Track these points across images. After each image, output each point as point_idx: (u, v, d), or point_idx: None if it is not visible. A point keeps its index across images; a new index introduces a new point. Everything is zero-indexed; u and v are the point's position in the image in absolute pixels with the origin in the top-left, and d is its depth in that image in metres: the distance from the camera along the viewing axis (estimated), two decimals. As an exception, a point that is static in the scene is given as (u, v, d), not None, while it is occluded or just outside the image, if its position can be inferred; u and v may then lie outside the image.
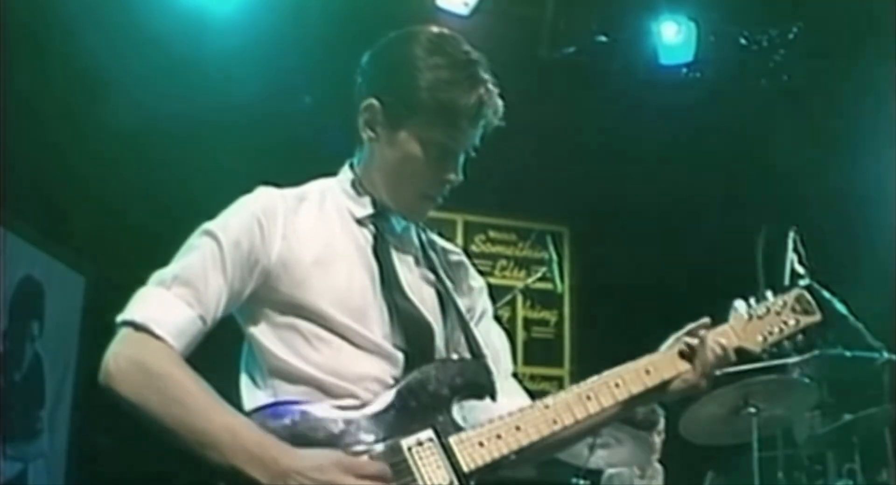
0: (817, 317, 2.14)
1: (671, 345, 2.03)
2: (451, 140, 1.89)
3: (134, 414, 1.68)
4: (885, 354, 4.35)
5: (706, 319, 2.04)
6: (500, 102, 1.92)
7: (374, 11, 4.97)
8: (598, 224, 6.67)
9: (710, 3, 5.99)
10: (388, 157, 1.92)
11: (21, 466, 4.63)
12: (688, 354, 2.00)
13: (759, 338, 2.08)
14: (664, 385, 1.99)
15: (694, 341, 2.00)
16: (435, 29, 1.96)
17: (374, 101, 1.91)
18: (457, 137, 1.89)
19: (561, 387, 7.42)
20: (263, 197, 1.90)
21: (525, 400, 1.95)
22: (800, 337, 2.13)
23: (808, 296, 2.16)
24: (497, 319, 2.17)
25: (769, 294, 2.15)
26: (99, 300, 5.16)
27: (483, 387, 1.87)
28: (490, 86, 1.90)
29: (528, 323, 6.86)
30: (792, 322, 2.11)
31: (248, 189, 1.95)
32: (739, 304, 2.11)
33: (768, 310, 2.11)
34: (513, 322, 6.75)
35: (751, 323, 2.08)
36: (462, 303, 2.01)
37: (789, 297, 2.14)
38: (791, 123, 5.90)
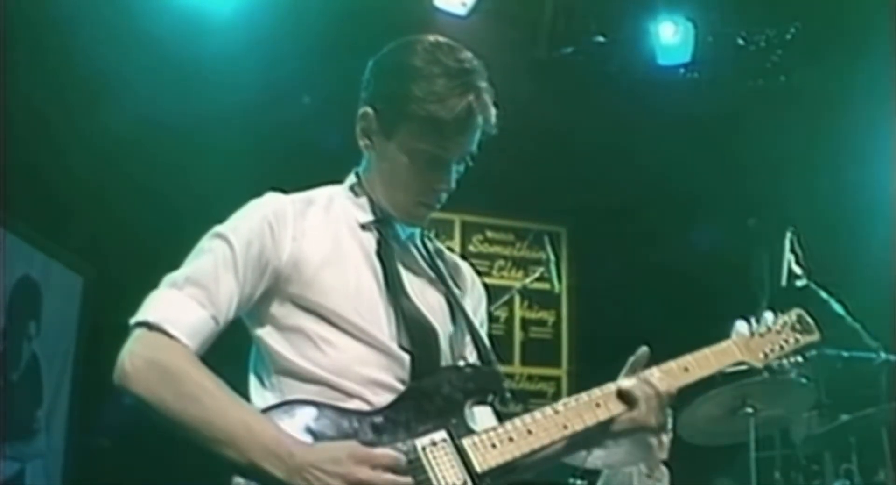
0: (816, 336, 2.26)
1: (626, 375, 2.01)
2: (440, 150, 1.89)
3: (149, 413, 1.70)
4: (883, 355, 4.36)
5: (644, 349, 2.01)
6: (493, 111, 1.92)
7: (373, 12, 4.97)
8: (596, 224, 6.67)
9: (708, 4, 5.99)
10: (383, 164, 1.94)
11: (18, 466, 4.63)
12: (625, 394, 1.96)
13: (761, 354, 2.18)
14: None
15: (632, 382, 1.96)
16: (432, 38, 1.96)
17: (369, 110, 1.94)
18: (446, 146, 1.89)
19: (559, 387, 7.37)
20: (273, 201, 1.92)
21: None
22: (798, 356, 2.23)
23: (808, 316, 2.28)
24: (495, 319, 2.19)
25: (769, 314, 2.24)
26: (97, 300, 5.17)
27: (494, 393, 1.90)
28: (483, 95, 1.90)
29: (525, 323, 6.85)
30: (792, 340, 2.23)
31: (247, 189, 1.97)
32: (741, 323, 2.20)
33: (769, 329, 2.22)
34: (510, 322, 6.74)
35: (753, 340, 2.19)
36: (469, 309, 2.03)
37: (790, 316, 2.26)
38: (789, 124, 5.90)
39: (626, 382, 1.97)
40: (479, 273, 2.20)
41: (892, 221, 5.49)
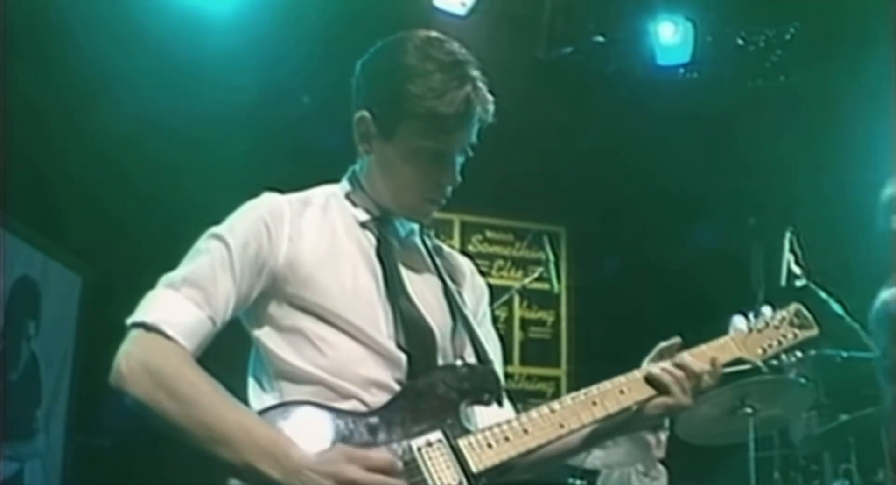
0: (815, 331, 2.21)
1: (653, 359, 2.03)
2: (443, 145, 1.90)
3: (146, 415, 1.69)
4: (882, 355, 4.36)
5: (677, 339, 2.05)
6: (490, 99, 1.92)
7: (372, 11, 4.97)
8: (595, 224, 6.68)
9: (707, 4, 5.99)
10: (386, 165, 1.94)
11: (17, 466, 4.62)
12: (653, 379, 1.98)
13: (759, 350, 2.14)
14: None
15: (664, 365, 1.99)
16: (421, 33, 1.96)
17: (366, 114, 1.93)
18: (449, 141, 1.90)
19: (558, 387, 7.35)
20: (269, 201, 1.92)
21: (510, 413, 1.93)
22: (797, 351, 2.19)
23: (806, 311, 2.23)
24: (494, 319, 2.18)
25: (767, 309, 2.20)
26: (96, 300, 5.17)
27: (490, 393, 1.89)
28: (479, 84, 1.90)
29: (524, 323, 6.86)
30: (790, 336, 2.18)
31: (246, 189, 1.96)
32: (738, 319, 2.16)
33: (767, 324, 2.17)
34: (510, 322, 6.75)
35: (751, 336, 2.14)
36: (468, 308, 2.03)
37: (788, 311, 2.21)
38: (788, 123, 5.90)
39: (619, 379, 1.97)
40: (479, 273, 2.20)
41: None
